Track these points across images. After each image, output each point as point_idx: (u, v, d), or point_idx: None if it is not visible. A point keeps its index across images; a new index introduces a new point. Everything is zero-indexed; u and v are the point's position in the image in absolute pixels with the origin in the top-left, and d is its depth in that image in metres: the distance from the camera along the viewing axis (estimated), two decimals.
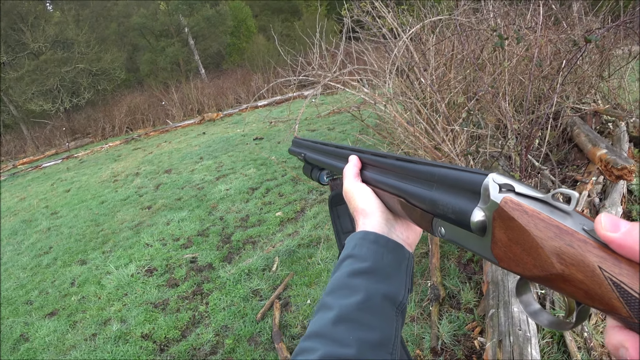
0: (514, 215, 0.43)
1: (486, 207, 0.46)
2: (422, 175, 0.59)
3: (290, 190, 5.76)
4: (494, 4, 4.39)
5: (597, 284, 0.36)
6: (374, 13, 4.17)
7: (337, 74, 3.77)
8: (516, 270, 0.44)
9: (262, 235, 4.62)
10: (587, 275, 0.36)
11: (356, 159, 0.78)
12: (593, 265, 0.36)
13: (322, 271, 3.65)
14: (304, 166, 1.10)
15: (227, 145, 9.82)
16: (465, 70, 3.93)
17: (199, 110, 18.44)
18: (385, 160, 0.70)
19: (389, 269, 0.62)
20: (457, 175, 0.52)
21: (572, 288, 0.38)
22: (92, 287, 4.34)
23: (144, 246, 5.00)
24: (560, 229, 0.39)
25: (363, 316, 0.57)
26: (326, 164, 0.96)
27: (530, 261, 0.42)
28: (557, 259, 0.38)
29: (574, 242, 0.38)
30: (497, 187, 0.45)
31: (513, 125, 3.20)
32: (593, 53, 4.43)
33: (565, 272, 0.38)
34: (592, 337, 2.15)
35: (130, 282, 4.24)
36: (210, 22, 26.53)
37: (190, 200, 6.32)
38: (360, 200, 0.72)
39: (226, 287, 3.77)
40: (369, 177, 0.74)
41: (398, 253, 0.65)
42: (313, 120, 9.89)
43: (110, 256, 4.95)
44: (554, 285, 0.40)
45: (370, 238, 0.65)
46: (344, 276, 0.62)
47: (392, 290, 0.60)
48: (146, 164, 9.87)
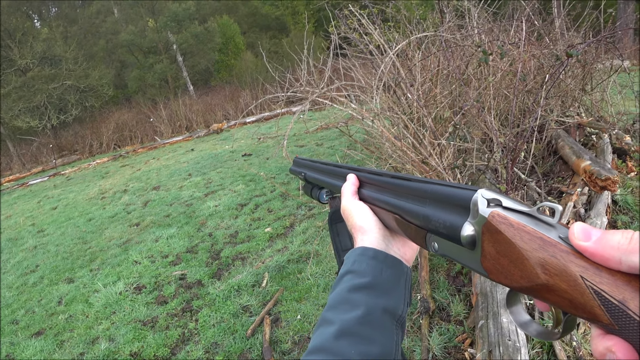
0: (500, 229, 0.44)
1: (475, 221, 0.47)
2: (415, 192, 0.61)
3: (279, 206, 5.76)
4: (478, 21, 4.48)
5: (580, 293, 0.37)
6: (361, 30, 4.22)
7: (324, 89, 3.80)
8: (504, 282, 0.45)
9: (252, 251, 4.61)
10: (570, 285, 0.38)
11: (354, 178, 0.80)
12: (575, 275, 0.37)
13: (312, 286, 3.64)
14: (304, 185, 1.13)
15: (216, 162, 9.81)
16: (451, 85, 3.99)
17: (187, 126, 18.41)
18: (381, 178, 0.72)
19: (388, 284, 0.64)
20: (448, 192, 0.54)
21: (557, 298, 0.39)
22: (80, 305, 4.28)
23: (132, 263, 4.95)
24: (544, 241, 0.40)
25: (364, 330, 0.58)
26: (325, 183, 0.98)
27: (517, 273, 0.43)
28: (542, 270, 0.40)
29: (557, 253, 0.39)
30: (486, 202, 0.47)
31: (499, 139, 3.25)
32: (575, 67, 4.52)
33: (550, 282, 0.39)
34: (580, 346, 2.16)
35: (118, 300, 4.19)
36: (198, 39, 26.60)
37: (179, 216, 6.29)
38: (358, 218, 0.73)
39: (216, 304, 3.74)
40: (366, 195, 0.76)
41: (396, 268, 0.66)
42: (301, 136, 9.92)
43: (98, 274, 4.89)
44: (540, 295, 0.41)
45: (369, 254, 0.67)
46: (345, 291, 0.63)
47: (391, 304, 0.62)
48: (134, 181, 9.81)
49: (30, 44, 20.41)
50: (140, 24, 26.18)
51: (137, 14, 26.85)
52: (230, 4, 32.08)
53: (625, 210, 3.38)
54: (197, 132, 16.03)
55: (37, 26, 25.63)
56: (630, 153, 3.99)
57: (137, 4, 26.98)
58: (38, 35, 22.24)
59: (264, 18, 32.39)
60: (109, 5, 29.22)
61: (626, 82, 4.76)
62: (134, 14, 27.05)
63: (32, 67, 20.38)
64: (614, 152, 4.01)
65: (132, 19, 27.06)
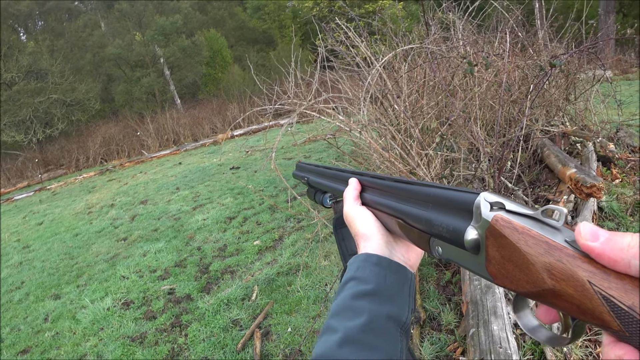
0: (505, 233, 0.43)
1: (479, 225, 0.47)
2: (418, 195, 0.61)
3: (268, 218, 5.75)
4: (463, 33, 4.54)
5: (588, 299, 0.36)
6: (348, 43, 4.25)
7: (312, 102, 3.81)
8: (510, 287, 0.45)
9: (241, 264, 4.58)
10: (577, 290, 0.37)
11: (356, 182, 0.79)
12: (582, 280, 0.36)
13: (302, 299, 3.62)
14: (308, 190, 1.12)
15: (204, 175, 9.77)
16: (437, 96, 4.02)
17: (174, 140, 18.35)
18: (384, 182, 0.72)
19: (391, 291, 0.63)
20: (451, 195, 0.53)
21: (564, 303, 0.39)
22: (67, 322, 4.22)
23: (120, 279, 4.89)
24: (550, 245, 0.40)
25: (368, 338, 0.57)
26: (328, 187, 0.97)
27: (522, 277, 0.42)
28: (548, 275, 0.39)
29: (563, 257, 0.38)
30: (489, 206, 0.46)
31: (485, 149, 3.28)
32: (559, 77, 4.58)
33: (557, 288, 0.38)
34: (571, 352, 2.17)
35: (106, 316, 4.13)
36: (185, 52, 26.63)
37: (167, 231, 6.24)
38: (361, 224, 0.73)
39: (205, 318, 3.70)
40: (369, 199, 0.75)
41: (400, 274, 0.66)
42: (289, 148, 9.92)
43: (85, 290, 4.83)
44: (547, 300, 0.41)
45: (372, 260, 0.66)
46: (348, 298, 0.62)
47: (395, 311, 0.61)
48: (121, 195, 9.73)
49: (16, 57, 20.32)
50: (128, 37, 26.13)
51: (124, 28, 26.80)
52: (217, 17, 32.19)
53: (611, 217, 3.42)
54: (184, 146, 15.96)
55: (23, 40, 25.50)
56: (615, 160, 4.05)
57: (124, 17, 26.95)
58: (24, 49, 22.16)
59: (251, 31, 32.55)
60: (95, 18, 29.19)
61: (609, 92, 4.83)
62: (121, 27, 27.00)
63: (17, 80, 20.26)
64: (598, 159, 4.06)
65: (119, 32, 27.00)
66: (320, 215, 4.14)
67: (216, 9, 33.01)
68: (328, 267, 4.04)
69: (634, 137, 4.71)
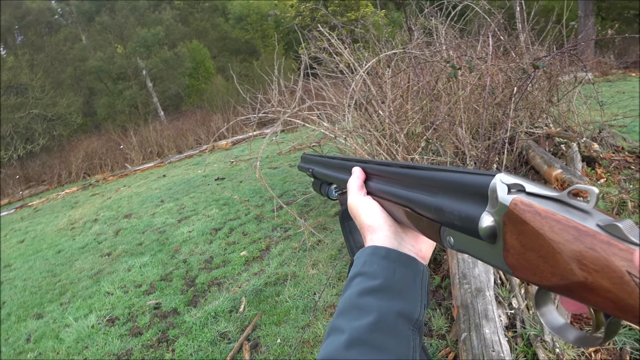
0: (525, 218, 0.39)
1: (495, 210, 0.42)
2: (426, 181, 0.56)
3: (254, 228, 5.68)
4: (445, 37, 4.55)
5: (627, 293, 0.31)
6: (331, 50, 4.24)
7: (296, 109, 3.78)
8: (533, 280, 0.40)
9: (228, 276, 4.51)
10: (614, 283, 0.32)
11: (359, 171, 0.75)
12: (620, 271, 0.31)
13: (290, 309, 3.56)
14: (313, 182, 1.08)
15: (188, 187, 9.68)
16: (421, 100, 4.02)
17: (158, 152, 18.21)
18: (390, 169, 0.67)
19: (402, 285, 0.58)
20: (463, 179, 0.49)
21: (598, 298, 0.34)
22: (50, 342, 4.10)
23: (104, 295, 4.79)
24: (580, 231, 0.35)
25: (377, 338, 0.53)
26: (333, 178, 0.93)
27: (547, 269, 0.37)
28: (578, 265, 0.34)
29: (596, 244, 0.33)
30: (506, 188, 0.42)
31: (471, 152, 3.27)
32: (542, 80, 4.61)
33: (589, 280, 0.34)
34: (564, 352, 2.15)
35: (90, 334, 4.02)
36: (168, 64, 26.57)
37: (152, 244, 6.14)
38: (366, 216, 0.69)
39: (193, 332, 3.62)
40: (374, 188, 0.71)
41: (411, 267, 0.61)
42: (274, 157, 9.88)
43: (69, 307, 4.71)
44: (577, 295, 0.36)
45: (380, 253, 0.62)
46: (354, 296, 0.59)
47: (406, 307, 0.57)
48: (105, 210, 9.59)
49: None
50: (109, 50, 26.03)
51: (105, 40, 26.69)
52: (199, 28, 32.20)
53: None
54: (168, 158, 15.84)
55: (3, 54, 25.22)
56: (599, 160, 4.07)
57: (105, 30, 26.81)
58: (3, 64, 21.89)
59: (234, 42, 32.59)
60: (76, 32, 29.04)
61: (590, 93, 4.87)
62: (102, 40, 26.88)
63: None
64: (583, 160, 4.09)
65: (100, 45, 26.86)
66: (307, 224, 4.10)
67: (198, 20, 33.02)
68: (316, 276, 3.99)
69: (617, 137, 4.76)
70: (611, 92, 9.26)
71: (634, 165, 4.03)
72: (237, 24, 33.05)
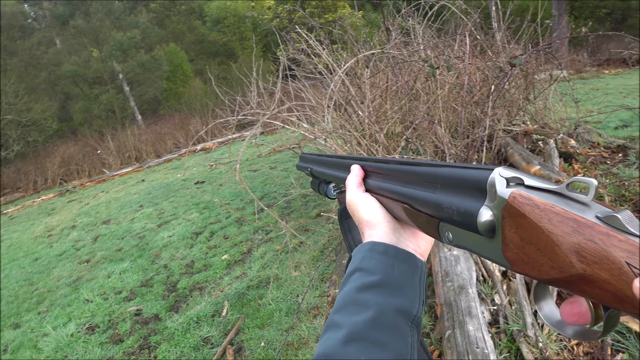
0: (524, 211, 0.38)
1: (494, 204, 0.42)
2: (425, 177, 0.56)
3: (235, 232, 5.64)
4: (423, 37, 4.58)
5: (627, 284, 0.31)
6: (309, 51, 4.23)
7: (275, 111, 3.76)
8: (531, 274, 0.40)
9: (209, 280, 4.46)
10: (613, 274, 0.32)
11: (358, 168, 0.75)
12: (619, 262, 0.32)
13: (273, 311, 3.54)
14: (312, 181, 1.07)
15: (168, 191, 9.57)
16: (400, 100, 4.03)
17: (136, 157, 17.98)
18: (388, 165, 0.67)
19: (400, 281, 0.58)
20: (461, 174, 0.48)
21: (598, 290, 0.34)
22: (28, 352, 4.00)
23: (83, 302, 4.70)
24: (579, 222, 0.35)
25: (375, 334, 0.53)
26: (331, 176, 0.93)
27: (546, 262, 0.37)
28: (577, 257, 0.34)
29: (595, 236, 0.33)
30: (505, 182, 0.41)
31: (450, 150, 3.29)
32: (518, 78, 4.67)
33: (588, 272, 0.33)
34: (547, 347, 2.18)
35: (70, 343, 3.94)
36: (145, 67, 26.26)
37: (132, 250, 6.06)
38: (365, 212, 0.69)
39: (175, 338, 3.57)
40: (373, 185, 0.71)
41: (410, 263, 0.61)
42: (254, 160, 9.84)
43: (47, 316, 4.61)
44: (576, 288, 0.36)
45: (379, 249, 0.62)
46: (353, 291, 0.58)
47: (405, 303, 0.56)
48: (83, 216, 9.42)
49: None
50: (84, 54, 25.59)
51: (80, 44, 26.23)
52: (176, 31, 31.94)
53: None
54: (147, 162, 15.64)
55: None
56: (576, 156, 4.13)
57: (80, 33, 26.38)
58: None
59: (212, 45, 32.37)
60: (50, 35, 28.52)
61: (566, 90, 4.95)
62: (77, 44, 26.40)
63: None
64: (560, 156, 4.15)
65: (75, 49, 26.38)
66: (288, 226, 4.08)
67: (175, 23, 32.75)
68: (299, 278, 3.98)
69: (592, 133, 4.84)
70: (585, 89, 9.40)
71: (610, 160, 4.10)
72: (214, 27, 32.83)
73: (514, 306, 2.52)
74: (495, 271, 2.79)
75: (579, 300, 0.42)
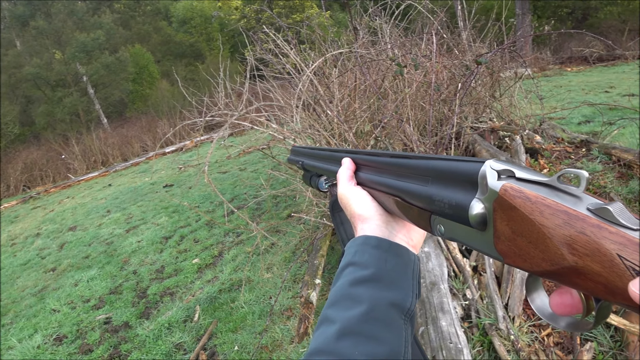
0: (515, 204, 0.38)
1: (485, 197, 0.42)
2: (416, 170, 0.55)
3: (205, 235, 5.57)
4: (390, 36, 4.60)
5: (618, 276, 0.31)
6: (277, 51, 4.21)
7: (243, 112, 3.72)
8: (523, 267, 0.40)
9: (180, 285, 4.39)
10: (604, 266, 0.32)
11: (349, 162, 0.74)
12: (611, 254, 0.31)
13: (246, 314, 3.51)
14: (304, 174, 1.07)
15: (136, 196, 9.39)
16: (369, 99, 4.04)
17: (102, 161, 17.59)
18: (380, 158, 0.66)
19: (393, 275, 0.58)
20: (452, 166, 0.48)
21: (589, 282, 0.34)
22: None
23: (50, 312, 4.56)
24: (570, 215, 0.35)
25: (368, 328, 0.53)
26: (323, 170, 0.92)
27: (537, 254, 0.37)
28: (569, 250, 0.34)
29: (586, 228, 0.33)
30: (496, 174, 0.41)
31: (419, 148, 3.30)
32: (484, 76, 4.74)
33: (579, 264, 0.33)
34: (518, 339, 2.21)
35: (36, 355, 3.81)
36: (110, 69, 25.73)
37: (99, 256, 5.91)
38: (357, 205, 0.68)
39: (146, 345, 3.50)
40: (364, 178, 0.70)
41: (402, 257, 0.60)
42: (224, 162, 9.75)
43: (12, 329, 4.45)
44: (568, 280, 0.36)
45: (371, 243, 0.61)
46: (346, 286, 0.58)
47: (398, 297, 0.56)
48: (48, 223, 9.16)
49: None
50: (46, 56, 24.92)
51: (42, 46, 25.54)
52: (142, 32, 31.40)
53: None
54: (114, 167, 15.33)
55: None
56: (542, 152, 4.21)
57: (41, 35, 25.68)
58: None
59: (178, 45, 31.97)
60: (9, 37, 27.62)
61: (530, 88, 5.06)
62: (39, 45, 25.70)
63: None
64: (526, 151, 4.23)
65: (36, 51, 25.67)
66: (259, 227, 4.05)
67: (140, 24, 32.21)
68: (271, 280, 3.95)
69: (556, 129, 4.95)
70: (549, 86, 9.67)
71: (574, 155, 4.20)
72: (180, 27, 32.45)
73: (485, 300, 2.55)
74: (466, 266, 2.82)
75: (568, 291, 0.42)
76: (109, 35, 27.57)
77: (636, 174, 3.56)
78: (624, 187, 3.48)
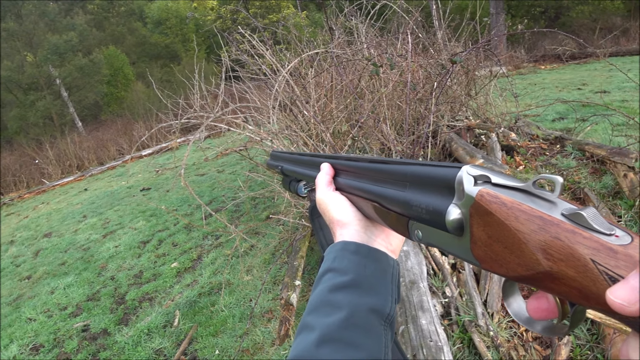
0: (491, 209, 0.39)
1: (462, 203, 0.42)
2: (394, 175, 0.55)
3: (184, 238, 5.51)
4: (366, 36, 4.61)
5: (591, 280, 0.31)
6: (253, 52, 4.18)
7: (219, 113, 3.69)
8: (499, 272, 0.40)
9: (159, 289, 4.33)
10: (578, 271, 0.32)
11: (328, 167, 0.74)
12: (584, 259, 0.32)
13: (227, 318, 3.48)
14: (283, 179, 1.06)
15: (112, 200, 9.25)
16: (345, 99, 4.04)
17: (78, 165, 17.28)
18: (358, 164, 0.66)
19: (373, 280, 0.58)
20: (430, 172, 0.48)
21: (564, 287, 0.34)
22: None
23: (25, 322, 4.45)
24: (545, 220, 0.35)
25: (348, 335, 0.52)
26: (302, 175, 0.92)
27: (513, 260, 0.37)
28: (544, 255, 0.34)
29: (560, 233, 0.34)
30: (472, 180, 0.41)
31: (396, 147, 3.31)
32: (460, 74, 4.79)
33: (554, 269, 0.34)
34: (498, 335, 2.23)
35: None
36: (83, 71, 25.30)
37: (76, 263, 5.80)
38: (335, 211, 0.68)
39: (125, 352, 3.44)
40: (343, 183, 0.70)
41: (381, 262, 0.60)
42: (201, 164, 9.67)
43: None
44: (543, 285, 0.36)
45: (350, 249, 0.61)
46: (325, 292, 0.58)
47: (378, 302, 0.56)
48: (22, 230, 8.97)
49: None
50: (18, 58, 24.40)
51: (13, 48, 24.98)
52: (116, 34, 30.94)
53: None
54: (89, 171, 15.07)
55: None
56: (517, 149, 4.27)
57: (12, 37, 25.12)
58: None
59: (153, 47, 31.60)
60: None
61: (505, 86, 5.12)
62: (10, 47, 25.12)
63: None
64: (502, 149, 4.28)
65: (7, 53, 25.07)
66: (238, 230, 4.02)
67: (114, 25, 31.73)
68: (251, 282, 3.92)
69: (531, 126, 5.02)
70: (524, 84, 9.81)
71: (549, 152, 4.26)
72: (155, 28, 32.08)
73: (465, 297, 2.57)
74: (445, 264, 2.84)
75: (545, 296, 0.42)
76: (82, 37, 27.13)
77: (609, 169, 3.62)
78: (598, 182, 3.54)
